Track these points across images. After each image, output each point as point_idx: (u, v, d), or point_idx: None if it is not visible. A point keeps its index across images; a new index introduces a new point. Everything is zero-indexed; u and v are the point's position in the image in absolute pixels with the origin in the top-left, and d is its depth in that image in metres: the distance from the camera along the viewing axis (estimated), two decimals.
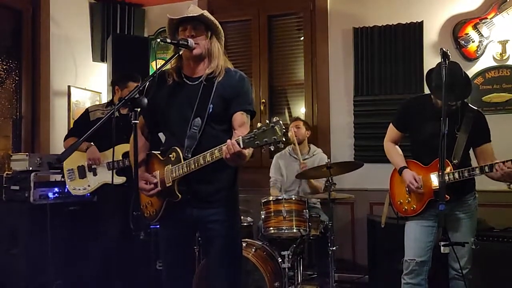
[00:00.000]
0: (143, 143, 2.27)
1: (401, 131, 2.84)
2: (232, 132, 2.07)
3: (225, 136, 2.01)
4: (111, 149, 3.29)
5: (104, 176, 3.40)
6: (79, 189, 3.40)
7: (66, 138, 3.54)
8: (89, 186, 3.41)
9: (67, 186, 3.43)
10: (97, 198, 3.48)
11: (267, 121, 1.72)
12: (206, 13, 2.09)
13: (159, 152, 2.20)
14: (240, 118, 2.06)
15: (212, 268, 2.18)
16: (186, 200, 2.08)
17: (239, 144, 1.75)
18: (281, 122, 1.71)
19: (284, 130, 1.71)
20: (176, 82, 2.16)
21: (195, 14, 2.05)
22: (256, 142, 1.71)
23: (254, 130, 1.73)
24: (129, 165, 3.30)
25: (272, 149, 1.74)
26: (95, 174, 3.41)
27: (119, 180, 3.32)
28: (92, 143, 3.36)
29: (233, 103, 2.08)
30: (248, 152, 1.83)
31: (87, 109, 3.59)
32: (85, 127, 3.32)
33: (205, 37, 2.09)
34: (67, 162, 3.39)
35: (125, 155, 3.31)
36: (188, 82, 2.14)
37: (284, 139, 1.71)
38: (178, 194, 2.04)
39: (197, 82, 2.12)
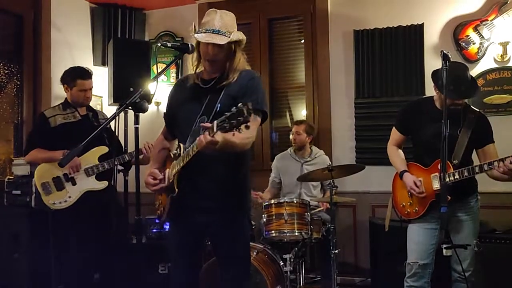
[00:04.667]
0: (160, 141, 2.34)
1: (403, 134, 2.85)
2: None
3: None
4: (85, 154, 3.16)
5: (85, 183, 3.19)
6: (60, 202, 3.14)
7: (28, 150, 3.27)
8: (70, 197, 3.15)
9: (44, 202, 3.15)
10: (81, 205, 3.20)
11: (239, 104, 1.72)
12: (234, 34, 2.06)
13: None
14: None
15: (220, 272, 2.22)
16: (193, 204, 2.10)
17: (213, 128, 1.74)
18: (250, 103, 1.70)
19: (251, 110, 1.68)
20: (193, 85, 2.21)
21: (221, 43, 2.03)
22: (225, 125, 1.71)
23: (225, 113, 1.72)
24: (109, 169, 3.21)
25: (240, 132, 1.72)
26: (74, 184, 3.18)
27: (102, 185, 3.21)
28: (66, 150, 3.05)
29: (238, 103, 2.09)
30: (222, 139, 1.79)
31: (43, 115, 3.30)
32: (48, 135, 3.20)
33: (226, 52, 2.10)
34: (39, 176, 3.16)
35: (101, 158, 3.23)
36: (201, 84, 2.17)
37: (248, 120, 1.69)
38: (175, 188, 2.06)
39: (209, 84, 2.15)
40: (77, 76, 3.32)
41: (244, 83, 2.11)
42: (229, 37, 2.04)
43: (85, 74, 3.36)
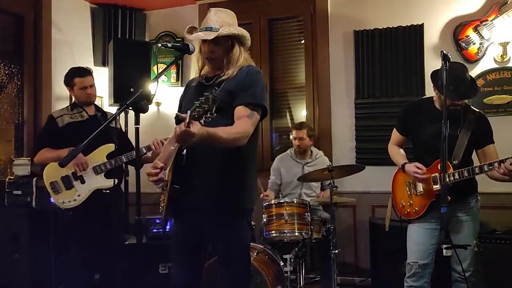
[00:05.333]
0: (170, 140, 2.32)
1: (403, 135, 2.86)
2: None
3: None
4: (92, 152, 3.20)
5: (94, 182, 3.20)
6: (69, 201, 3.15)
7: (37, 150, 3.29)
8: (79, 196, 3.16)
9: (53, 201, 3.17)
10: (89, 204, 3.20)
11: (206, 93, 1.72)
12: (224, 29, 2.06)
13: None
14: (239, 111, 2.03)
15: (220, 272, 2.20)
16: (189, 203, 2.08)
17: (187, 117, 1.72)
18: (215, 91, 1.69)
19: (216, 98, 1.68)
20: (197, 83, 2.23)
21: (208, 38, 2.05)
22: (193, 114, 1.70)
23: (196, 103, 1.72)
24: (117, 166, 3.22)
25: (208, 120, 1.71)
26: (83, 182, 3.18)
27: (110, 183, 3.21)
28: (72, 148, 3.01)
29: (236, 98, 2.05)
30: (200, 131, 1.75)
31: (51, 116, 3.34)
32: (56, 135, 3.24)
33: (224, 49, 2.11)
34: (47, 176, 3.18)
35: (109, 156, 3.23)
36: (205, 82, 2.18)
37: (213, 109, 1.68)
38: (168, 183, 2.05)
39: (211, 81, 2.15)
40: (74, 75, 3.35)
41: (241, 78, 2.08)
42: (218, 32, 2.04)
43: (82, 71, 3.38)
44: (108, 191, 3.22)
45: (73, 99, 3.47)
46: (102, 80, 4.56)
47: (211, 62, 2.14)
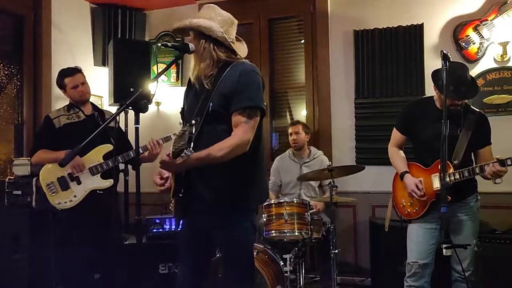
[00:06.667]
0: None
1: (404, 134, 2.86)
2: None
3: (225, 136, 1.98)
4: (89, 153, 3.20)
5: (90, 182, 3.20)
6: (65, 202, 3.15)
7: (35, 151, 3.29)
8: (75, 196, 3.17)
9: (49, 202, 3.17)
10: (85, 204, 3.21)
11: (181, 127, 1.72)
12: (194, 20, 2.06)
13: None
14: (235, 119, 2.00)
15: (224, 273, 2.22)
16: (193, 205, 2.09)
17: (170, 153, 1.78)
18: (192, 127, 1.70)
19: (191, 135, 1.69)
20: (196, 82, 2.19)
21: (178, 26, 2.08)
22: (175, 148, 1.73)
23: (175, 137, 1.76)
24: (113, 167, 3.21)
25: (187, 158, 1.72)
26: (79, 183, 3.19)
27: (107, 183, 3.21)
28: (69, 150, 3.04)
29: (231, 103, 2.00)
30: (185, 162, 1.78)
31: (48, 117, 3.34)
32: (53, 136, 3.25)
33: (197, 43, 2.09)
34: (43, 177, 3.19)
35: (106, 156, 3.24)
36: (205, 81, 2.12)
37: (191, 146, 1.68)
38: (171, 190, 2.07)
39: (206, 80, 2.10)
40: (64, 76, 3.35)
41: (235, 79, 2.00)
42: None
43: (70, 71, 3.37)
44: (102, 192, 3.22)
45: None
46: (102, 80, 4.57)
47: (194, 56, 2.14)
